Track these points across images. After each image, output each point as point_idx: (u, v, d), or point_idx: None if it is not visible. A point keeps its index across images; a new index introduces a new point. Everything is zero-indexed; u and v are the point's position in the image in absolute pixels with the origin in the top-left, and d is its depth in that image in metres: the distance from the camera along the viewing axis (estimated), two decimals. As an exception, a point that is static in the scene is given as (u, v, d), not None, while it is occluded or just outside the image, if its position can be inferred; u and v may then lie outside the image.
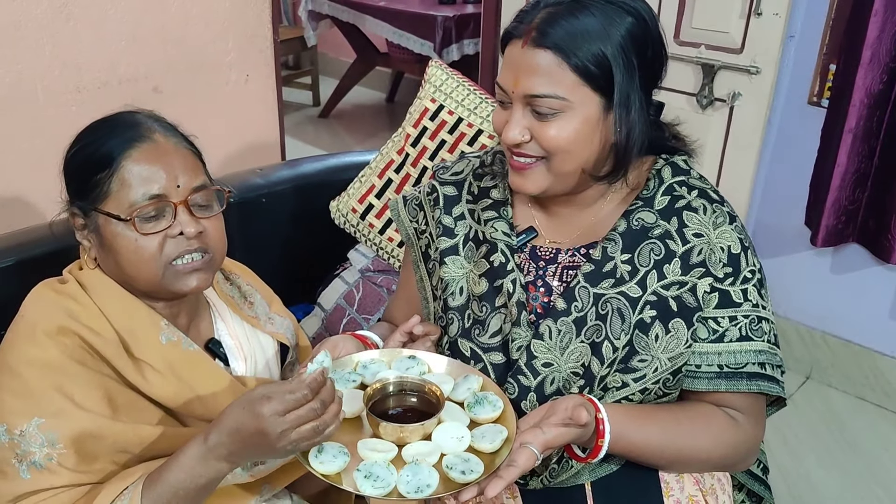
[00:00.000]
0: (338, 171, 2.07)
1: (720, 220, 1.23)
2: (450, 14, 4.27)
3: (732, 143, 2.58)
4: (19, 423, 1.08)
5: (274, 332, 1.39)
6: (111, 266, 1.19)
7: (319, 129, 5.07)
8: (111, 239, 1.16)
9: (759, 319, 1.22)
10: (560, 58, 1.12)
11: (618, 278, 1.22)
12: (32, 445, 1.07)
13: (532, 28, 1.13)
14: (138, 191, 1.14)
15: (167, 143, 1.19)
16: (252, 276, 1.46)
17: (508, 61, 1.17)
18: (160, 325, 1.20)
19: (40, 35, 1.77)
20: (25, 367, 1.09)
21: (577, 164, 1.18)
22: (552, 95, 1.13)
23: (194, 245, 1.17)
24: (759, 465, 1.39)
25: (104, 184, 1.15)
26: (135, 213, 1.13)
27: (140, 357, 1.17)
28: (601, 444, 1.14)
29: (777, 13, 2.36)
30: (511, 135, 1.17)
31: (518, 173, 1.21)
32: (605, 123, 1.17)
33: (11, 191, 1.82)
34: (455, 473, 1.03)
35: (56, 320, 1.13)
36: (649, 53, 1.17)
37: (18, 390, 1.09)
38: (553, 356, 1.22)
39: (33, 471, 1.07)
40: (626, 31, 1.14)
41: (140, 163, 1.15)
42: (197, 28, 2.05)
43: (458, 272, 1.31)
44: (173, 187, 1.16)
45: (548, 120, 1.15)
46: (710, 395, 1.23)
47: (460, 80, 1.92)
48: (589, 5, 1.13)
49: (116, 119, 1.21)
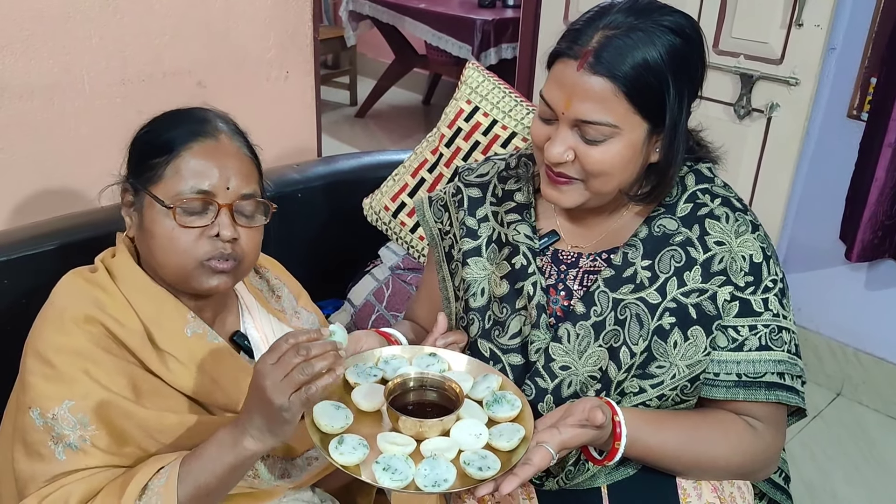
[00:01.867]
0: (372, 169, 2.10)
1: (742, 228, 1.23)
2: (489, 18, 4.28)
3: (769, 155, 2.56)
4: (51, 407, 1.10)
5: (300, 326, 1.41)
6: (144, 248, 1.22)
7: (355, 129, 5.11)
8: (150, 222, 1.19)
9: (780, 329, 1.22)
10: (616, 86, 1.10)
11: (637, 284, 1.22)
12: (66, 428, 1.10)
13: (589, 52, 1.11)
14: (188, 183, 1.17)
15: (230, 144, 1.21)
16: (281, 269, 1.48)
17: (559, 81, 1.15)
18: (186, 318, 1.22)
19: (88, 27, 1.81)
20: (54, 354, 1.12)
21: (616, 186, 1.19)
22: (604, 123, 1.12)
23: (227, 249, 1.19)
24: (780, 473, 1.38)
25: (159, 168, 1.18)
26: (178, 204, 1.16)
27: (164, 348, 1.19)
28: (617, 446, 1.15)
29: (819, 25, 2.34)
30: (556, 152, 1.16)
31: (555, 187, 1.21)
32: (648, 146, 1.17)
33: (56, 178, 1.87)
34: (472, 469, 1.05)
35: (83, 309, 1.16)
36: (698, 74, 1.18)
37: (49, 375, 1.12)
38: (571, 359, 1.23)
39: (69, 452, 1.10)
40: (681, 57, 1.13)
41: (197, 156, 1.18)
42: (239, 24, 2.09)
43: (481, 273, 1.33)
44: (223, 188, 1.18)
45: (594, 144, 1.14)
46: (729, 404, 1.23)
47: (496, 83, 1.93)
48: (645, 30, 1.11)
49: (189, 112, 1.25)
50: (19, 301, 1.48)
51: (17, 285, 1.49)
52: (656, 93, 1.12)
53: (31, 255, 1.51)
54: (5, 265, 1.48)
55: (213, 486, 1.07)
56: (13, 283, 1.49)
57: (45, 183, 1.86)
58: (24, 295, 1.48)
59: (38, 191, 1.85)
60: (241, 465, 1.08)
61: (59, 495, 1.07)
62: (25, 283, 1.49)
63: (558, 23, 3.00)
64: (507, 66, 4.06)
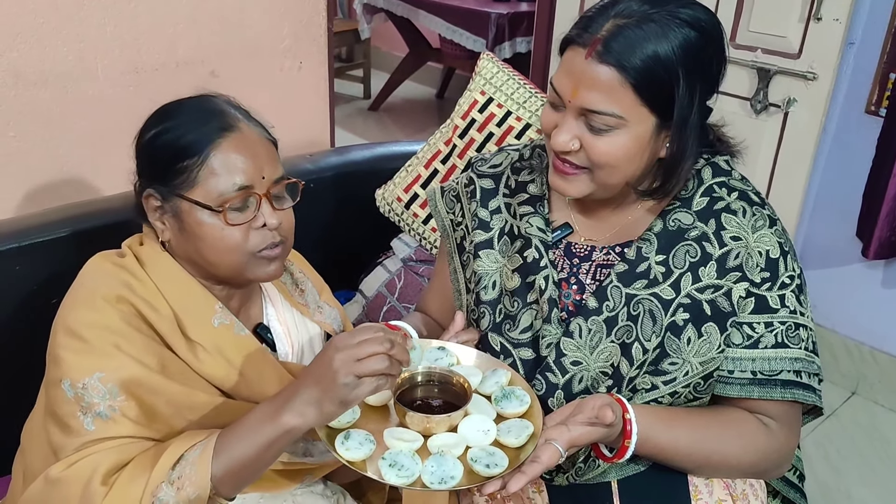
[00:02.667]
0: (385, 160, 2.09)
1: (760, 223, 1.21)
2: (503, 11, 4.26)
3: (785, 150, 2.53)
4: (81, 378, 1.10)
5: (322, 321, 1.40)
6: (189, 251, 1.20)
7: (369, 122, 5.11)
8: (195, 226, 1.17)
9: (797, 326, 1.20)
10: (623, 77, 1.08)
11: (651, 279, 1.21)
12: (95, 397, 1.09)
13: (598, 40, 1.09)
14: (227, 181, 1.15)
15: (252, 133, 1.20)
16: (305, 263, 1.48)
17: (568, 68, 1.13)
18: (214, 308, 1.22)
19: (102, 15, 1.81)
20: (85, 329, 1.12)
21: (622, 178, 1.18)
22: (609, 113, 1.11)
23: (276, 237, 1.19)
24: (794, 471, 1.37)
25: (191, 171, 1.15)
26: (226, 205, 1.15)
27: (193, 337, 1.19)
28: (628, 444, 1.13)
29: (837, 19, 2.31)
30: (561, 140, 1.15)
31: (561, 176, 1.20)
32: (656, 140, 1.15)
33: (69, 165, 1.88)
34: (479, 466, 1.04)
35: (114, 289, 1.16)
36: (713, 70, 1.15)
37: (79, 349, 1.11)
38: (582, 355, 1.21)
39: (98, 422, 1.09)
40: (696, 52, 1.10)
41: (228, 153, 1.16)
42: (254, 14, 2.09)
43: (492, 266, 1.31)
44: (258, 178, 1.17)
45: (600, 134, 1.13)
46: (743, 402, 1.22)
47: (511, 74, 1.92)
48: (659, 21, 1.08)
49: (197, 104, 1.21)
50: (31, 287, 1.49)
51: (29, 272, 1.49)
52: (666, 87, 1.10)
53: (43, 242, 1.51)
54: (18, 251, 1.49)
55: (248, 460, 1.05)
56: (25, 270, 1.49)
57: (57, 170, 1.87)
58: (36, 281, 1.49)
59: (50, 178, 1.86)
60: (278, 441, 1.04)
61: (87, 462, 1.06)
62: (37, 269, 1.49)
63: (574, 15, 2.93)
64: (521, 60, 4.04)
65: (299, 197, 1.25)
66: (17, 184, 1.81)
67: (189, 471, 1.03)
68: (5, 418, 1.32)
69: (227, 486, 1.05)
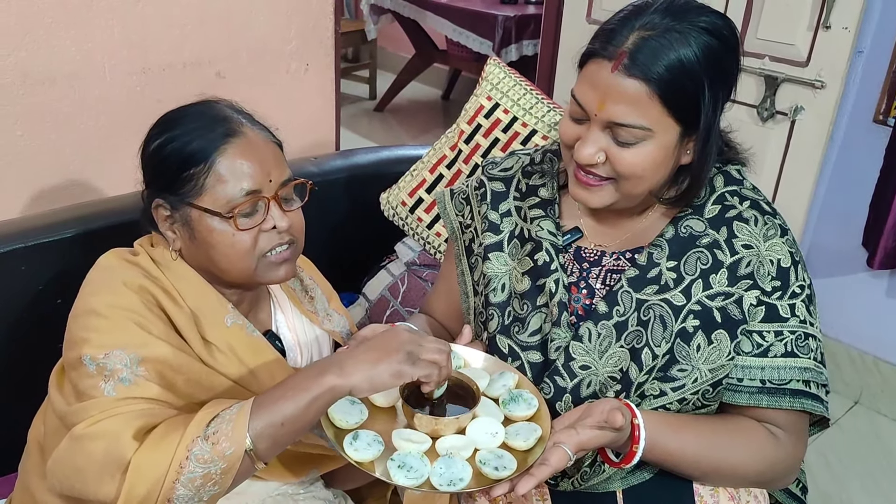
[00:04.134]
0: (390, 164, 2.08)
1: (771, 232, 1.21)
2: (511, 14, 4.26)
3: (792, 158, 2.53)
4: (103, 351, 1.09)
5: (331, 329, 1.40)
6: (201, 258, 1.20)
7: (374, 123, 5.11)
8: (206, 233, 1.17)
9: (807, 336, 1.19)
10: (651, 89, 1.08)
11: (662, 285, 1.20)
12: (118, 364, 1.08)
13: (624, 53, 1.08)
14: (235, 186, 1.15)
15: (256, 137, 1.20)
16: (314, 270, 1.47)
17: (593, 81, 1.12)
18: (227, 308, 1.22)
19: (110, 15, 1.81)
20: (108, 309, 1.12)
21: (647, 188, 1.17)
22: (637, 126, 1.10)
23: (285, 238, 1.20)
24: (797, 484, 1.36)
25: (198, 179, 1.15)
26: (236, 210, 1.15)
27: (208, 337, 1.19)
28: (636, 449, 1.13)
29: (846, 27, 2.31)
30: (587, 153, 1.14)
31: (584, 188, 1.19)
32: (680, 149, 1.15)
33: (75, 165, 1.87)
34: (488, 469, 1.04)
35: (136, 279, 1.16)
36: (733, 76, 1.16)
37: (101, 327, 1.11)
38: (591, 359, 1.21)
39: (120, 387, 1.07)
40: (717, 59, 1.10)
41: (235, 158, 1.16)
42: (261, 15, 2.08)
43: (502, 269, 1.31)
44: (266, 182, 1.17)
45: (626, 147, 1.13)
46: (751, 410, 1.21)
47: (517, 80, 1.92)
48: (683, 31, 1.08)
49: (201, 111, 1.21)
50: (37, 287, 1.49)
51: (35, 272, 1.49)
52: (691, 96, 1.10)
53: (49, 243, 1.51)
54: (23, 252, 1.49)
55: (288, 418, 1.03)
56: (31, 270, 1.49)
57: (64, 170, 1.86)
58: (42, 281, 1.49)
59: (57, 178, 1.85)
60: (319, 399, 1.03)
61: (114, 421, 1.04)
62: (44, 269, 1.49)
63: (581, 20, 2.98)
64: (528, 63, 4.03)
65: (308, 196, 1.25)
66: (23, 183, 1.80)
67: (226, 427, 1.02)
68: (12, 417, 1.32)
69: (265, 444, 1.03)
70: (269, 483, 1.27)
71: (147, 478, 0.99)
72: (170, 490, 0.99)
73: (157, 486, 0.99)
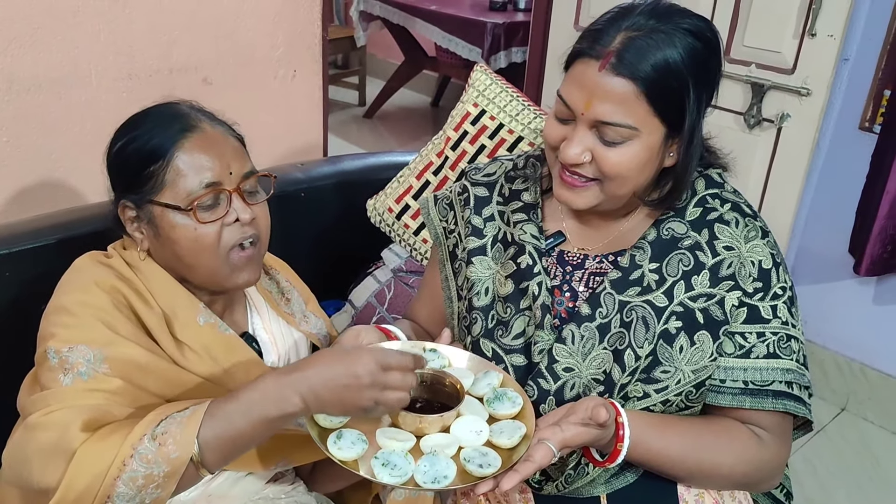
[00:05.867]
0: (377, 171, 2.08)
1: (752, 234, 1.22)
2: (500, 21, 4.27)
3: (778, 165, 2.54)
4: (67, 345, 1.09)
5: (308, 331, 1.40)
6: (167, 256, 1.21)
7: (363, 129, 5.11)
8: (168, 230, 1.17)
9: (788, 338, 1.20)
10: (638, 88, 1.09)
11: (644, 287, 1.21)
12: (80, 359, 1.08)
13: (611, 52, 1.09)
14: (194, 180, 1.16)
15: (214, 131, 1.21)
16: (290, 272, 1.47)
17: (580, 81, 1.13)
18: (199, 308, 1.22)
19: (97, 21, 1.81)
20: (78, 307, 1.12)
21: (631, 189, 1.18)
22: (624, 125, 1.11)
23: (249, 231, 1.19)
24: (781, 489, 1.36)
25: (158, 175, 1.16)
26: (195, 203, 1.15)
27: (180, 338, 1.19)
28: (620, 448, 1.13)
29: (832, 35, 2.32)
30: (573, 153, 1.15)
31: (569, 189, 1.20)
32: (664, 150, 1.16)
33: (61, 171, 1.87)
34: (472, 466, 1.04)
35: (108, 279, 1.17)
36: (716, 78, 1.17)
37: (69, 323, 1.12)
38: (574, 361, 1.21)
39: (78, 380, 1.08)
40: (701, 61, 1.12)
41: (192, 152, 1.16)
42: (248, 22, 2.09)
43: (485, 273, 1.31)
44: (226, 175, 1.18)
45: (612, 146, 1.13)
46: (735, 412, 1.21)
47: (504, 86, 1.92)
48: (670, 32, 1.10)
49: (160, 111, 1.22)
50: (20, 293, 1.48)
51: (18, 278, 1.48)
52: (676, 96, 1.11)
53: (32, 249, 1.50)
54: (7, 257, 1.48)
55: (243, 433, 1.03)
56: (14, 276, 1.48)
57: (49, 176, 1.86)
58: (25, 287, 1.48)
59: (42, 183, 1.85)
60: (279, 420, 1.04)
61: (67, 412, 1.04)
62: (26, 275, 1.48)
63: (569, 27, 2.99)
64: (516, 70, 4.05)
65: (271, 191, 1.25)
66: (9, 189, 1.80)
67: (175, 429, 1.01)
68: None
69: (213, 454, 1.03)
70: (249, 486, 1.27)
71: (88, 471, 0.99)
72: (110, 486, 0.99)
73: (98, 481, 0.99)
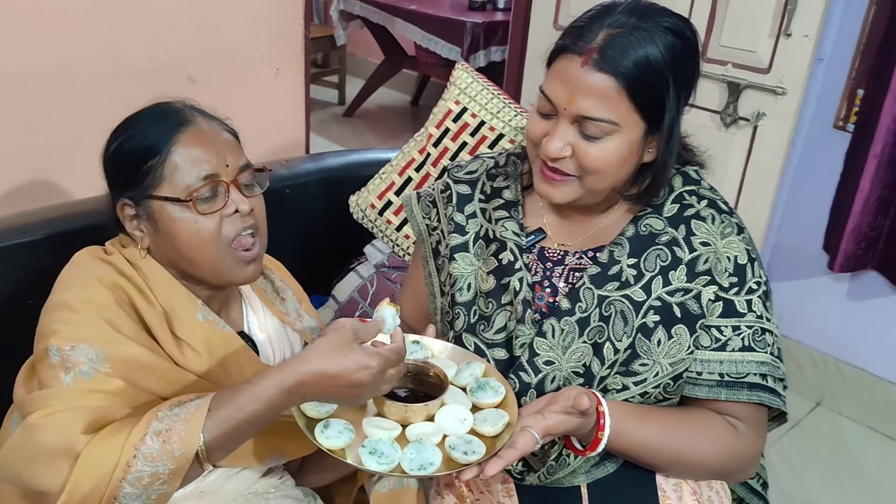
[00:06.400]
0: (360, 167, 2.09)
1: (728, 230, 1.25)
2: (479, 21, 4.29)
3: (754, 163, 2.58)
4: (70, 343, 1.09)
5: (302, 330, 1.41)
6: (168, 252, 1.21)
7: (343, 128, 5.12)
8: (168, 224, 1.18)
9: (763, 331, 1.23)
10: (620, 84, 1.12)
11: (623, 281, 1.23)
12: (82, 357, 1.08)
13: (594, 49, 1.12)
14: (192, 172, 1.17)
15: (210, 126, 1.22)
16: (284, 271, 1.48)
17: (562, 77, 1.16)
18: (197, 305, 1.23)
19: (82, 19, 1.81)
20: (80, 304, 1.12)
21: (610, 184, 1.21)
22: (605, 119, 1.14)
23: (248, 222, 1.21)
24: (758, 479, 1.39)
25: (156, 170, 1.17)
26: (194, 195, 1.16)
27: (179, 335, 1.20)
28: (601, 436, 1.16)
29: (807, 35, 2.36)
30: (554, 147, 1.17)
31: (549, 183, 1.22)
32: (644, 146, 1.19)
33: (47, 168, 1.87)
34: (457, 454, 1.06)
35: (110, 276, 1.17)
36: (694, 77, 1.20)
37: (72, 321, 1.11)
38: (555, 355, 1.23)
39: (79, 379, 1.07)
40: (680, 59, 1.14)
41: (189, 146, 1.18)
42: (232, 21, 2.09)
43: (468, 269, 1.33)
44: (223, 167, 1.19)
45: (593, 141, 1.16)
46: (711, 403, 1.24)
47: (485, 84, 1.94)
48: (650, 30, 1.13)
49: (154, 109, 1.23)
50: (7, 289, 1.48)
51: (5, 274, 1.48)
52: (657, 92, 1.14)
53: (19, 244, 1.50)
54: None
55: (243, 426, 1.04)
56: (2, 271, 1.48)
57: (35, 173, 1.86)
58: (13, 283, 1.48)
59: (28, 180, 1.85)
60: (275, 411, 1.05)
61: (69, 414, 1.04)
62: (14, 271, 1.48)
63: (548, 26, 3.02)
64: (496, 69, 4.07)
65: (268, 184, 1.26)
66: (-6, 185, 1.80)
67: (180, 426, 1.02)
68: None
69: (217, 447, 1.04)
70: (241, 482, 1.28)
71: (92, 475, 0.99)
72: (116, 488, 0.99)
73: (103, 484, 0.99)
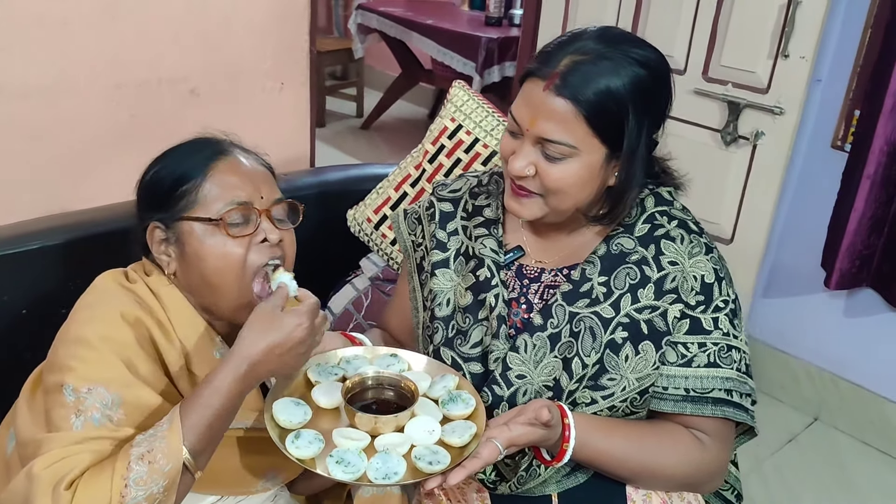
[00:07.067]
0: (359, 182, 2.13)
1: (696, 249, 1.28)
2: (494, 36, 4.34)
3: (753, 181, 2.59)
4: (86, 385, 1.10)
5: None
6: (193, 278, 1.21)
7: (359, 140, 5.18)
8: (197, 246, 1.19)
9: (729, 348, 1.26)
10: (578, 109, 1.16)
11: (593, 298, 1.27)
12: (96, 402, 1.09)
13: (556, 74, 1.16)
14: (226, 197, 1.19)
15: (247, 159, 1.26)
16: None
17: (527, 98, 1.21)
18: (216, 341, 1.25)
19: (86, 31, 1.85)
20: (100, 342, 1.12)
21: (573, 204, 1.25)
22: (563, 142, 1.18)
23: (276, 253, 1.22)
24: (732, 491, 1.42)
25: (191, 193, 1.20)
26: (225, 216, 1.18)
27: (196, 372, 1.21)
28: (566, 447, 1.19)
29: (804, 56, 2.38)
30: (518, 166, 1.22)
31: (517, 199, 1.27)
32: (606, 169, 1.22)
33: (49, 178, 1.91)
34: (422, 464, 1.09)
35: (133, 310, 1.17)
36: (661, 106, 1.23)
37: (91, 359, 1.12)
38: (527, 369, 1.27)
39: (88, 425, 1.08)
40: (645, 89, 1.18)
41: (226, 173, 1.21)
42: (236, 35, 2.14)
43: (447, 284, 1.38)
44: (257, 197, 1.22)
45: (554, 162, 1.20)
46: (677, 417, 1.27)
47: (480, 102, 1.98)
48: (615, 59, 1.16)
49: (194, 139, 1.28)
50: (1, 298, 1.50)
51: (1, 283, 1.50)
52: (616, 120, 1.17)
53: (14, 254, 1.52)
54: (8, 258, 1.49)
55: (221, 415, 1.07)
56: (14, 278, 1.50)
57: (37, 183, 1.90)
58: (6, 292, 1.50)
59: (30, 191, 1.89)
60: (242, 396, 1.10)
61: (66, 464, 1.04)
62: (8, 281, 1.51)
63: (554, 44, 3.05)
64: (510, 84, 4.12)
65: (301, 218, 1.29)
66: (-3, 195, 1.85)
67: (159, 444, 1.03)
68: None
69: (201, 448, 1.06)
70: None
71: None
72: None
73: None
